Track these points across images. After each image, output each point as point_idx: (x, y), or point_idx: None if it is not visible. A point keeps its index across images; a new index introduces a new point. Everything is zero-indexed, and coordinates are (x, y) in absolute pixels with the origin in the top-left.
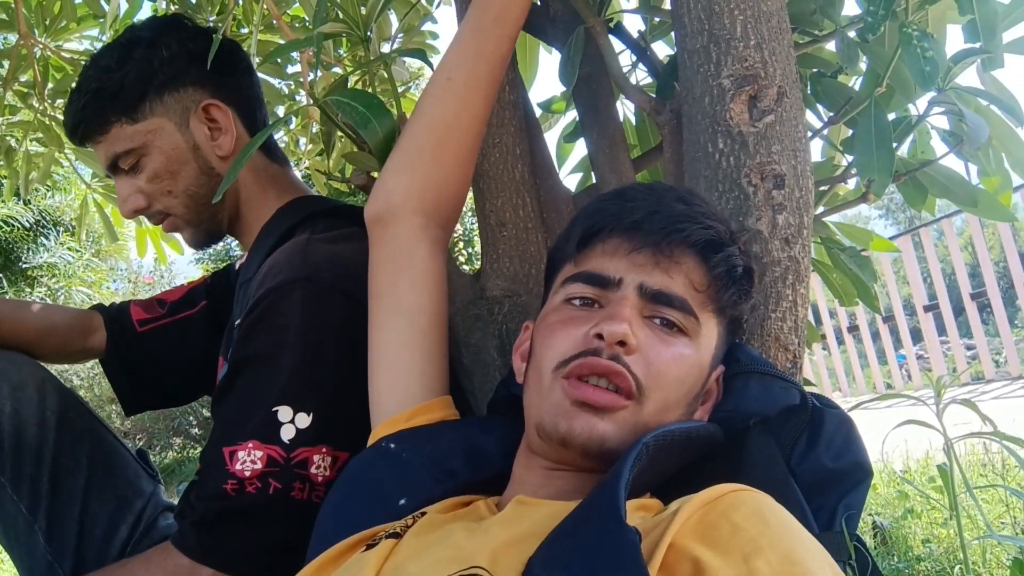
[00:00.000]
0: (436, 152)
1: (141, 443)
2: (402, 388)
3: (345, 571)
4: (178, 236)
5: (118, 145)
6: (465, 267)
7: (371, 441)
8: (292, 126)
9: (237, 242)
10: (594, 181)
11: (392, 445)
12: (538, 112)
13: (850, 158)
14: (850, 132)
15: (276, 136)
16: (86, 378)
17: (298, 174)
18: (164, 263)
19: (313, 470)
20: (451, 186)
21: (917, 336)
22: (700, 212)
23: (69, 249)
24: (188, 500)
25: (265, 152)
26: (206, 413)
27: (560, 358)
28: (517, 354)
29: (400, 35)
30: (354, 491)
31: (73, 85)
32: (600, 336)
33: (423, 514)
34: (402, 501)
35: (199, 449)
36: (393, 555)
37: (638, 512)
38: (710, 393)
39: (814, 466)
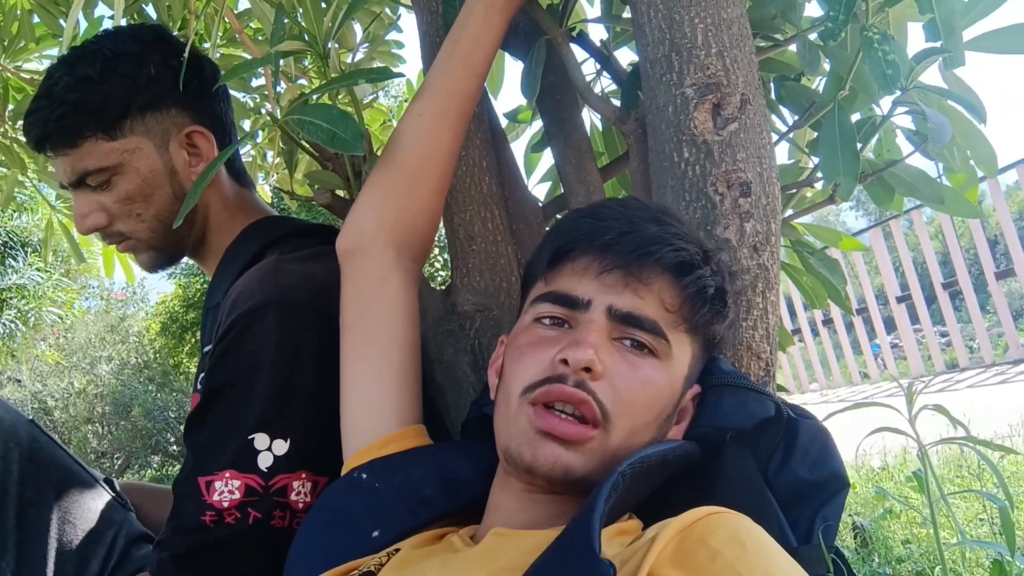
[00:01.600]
0: (408, 188)
1: (119, 462)
2: (375, 418)
3: None
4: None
5: (90, 161)
6: (441, 273)
7: (344, 472)
8: (259, 140)
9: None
10: (563, 191)
11: (364, 475)
12: (504, 122)
13: (816, 160)
14: (815, 134)
15: (242, 150)
16: (60, 399)
17: (267, 188)
18: (132, 281)
19: (293, 497)
20: (423, 220)
21: (891, 326)
22: (673, 233)
23: (38, 270)
24: (167, 532)
25: (234, 176)
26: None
27: (527, 383)
28: (492, 369)
29: (364, 45)
30: (326, 524)
31: (38, 90)
32: (565, 362)
33: (397, 550)
34: (375, 533)
35: (178, 466)
36: None
37: (617, 538)
38: (685, 412)
39: (790, 478)
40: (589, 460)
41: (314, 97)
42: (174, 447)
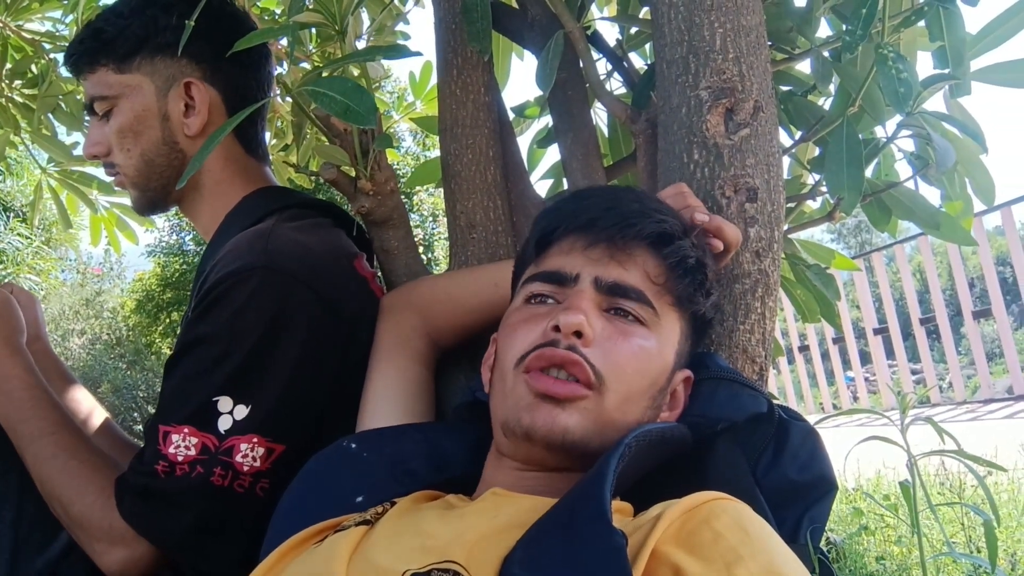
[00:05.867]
0: (459, 316)
1: None
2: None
3: (313, 555)
4: (132, 226)
5: (98, 89)
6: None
7: None
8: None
9: (191, 235)
10: (565, 187)
11: (353, 445)
12: (511, 116)
13: (816, 177)
14: (817, 151)
15: None
16: None
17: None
18: (118, 252)
19: (238, 458)
20: (461, 335)
21: (865, 358)
22: (653, 208)
23: (19, 235)
24: (131, 464)
25: (243, 143)
26: (151, 409)
27: (520, 353)
28: (485, 367)
29: (373, 34)
30: (311, 488)
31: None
32: (557, 328)
33: (393, 503)
34: (359, 498)
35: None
36: (364, 542)
37: (614, 516)
38: (677, 398)
39: (779, 478)
40: (585, 422)
41: (325, 74)
42: (139, 427)
